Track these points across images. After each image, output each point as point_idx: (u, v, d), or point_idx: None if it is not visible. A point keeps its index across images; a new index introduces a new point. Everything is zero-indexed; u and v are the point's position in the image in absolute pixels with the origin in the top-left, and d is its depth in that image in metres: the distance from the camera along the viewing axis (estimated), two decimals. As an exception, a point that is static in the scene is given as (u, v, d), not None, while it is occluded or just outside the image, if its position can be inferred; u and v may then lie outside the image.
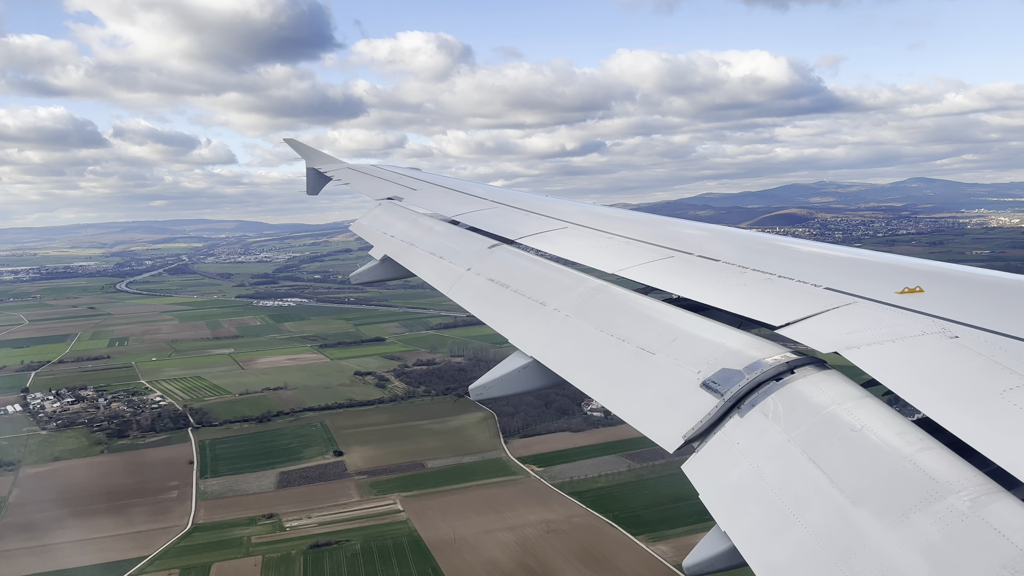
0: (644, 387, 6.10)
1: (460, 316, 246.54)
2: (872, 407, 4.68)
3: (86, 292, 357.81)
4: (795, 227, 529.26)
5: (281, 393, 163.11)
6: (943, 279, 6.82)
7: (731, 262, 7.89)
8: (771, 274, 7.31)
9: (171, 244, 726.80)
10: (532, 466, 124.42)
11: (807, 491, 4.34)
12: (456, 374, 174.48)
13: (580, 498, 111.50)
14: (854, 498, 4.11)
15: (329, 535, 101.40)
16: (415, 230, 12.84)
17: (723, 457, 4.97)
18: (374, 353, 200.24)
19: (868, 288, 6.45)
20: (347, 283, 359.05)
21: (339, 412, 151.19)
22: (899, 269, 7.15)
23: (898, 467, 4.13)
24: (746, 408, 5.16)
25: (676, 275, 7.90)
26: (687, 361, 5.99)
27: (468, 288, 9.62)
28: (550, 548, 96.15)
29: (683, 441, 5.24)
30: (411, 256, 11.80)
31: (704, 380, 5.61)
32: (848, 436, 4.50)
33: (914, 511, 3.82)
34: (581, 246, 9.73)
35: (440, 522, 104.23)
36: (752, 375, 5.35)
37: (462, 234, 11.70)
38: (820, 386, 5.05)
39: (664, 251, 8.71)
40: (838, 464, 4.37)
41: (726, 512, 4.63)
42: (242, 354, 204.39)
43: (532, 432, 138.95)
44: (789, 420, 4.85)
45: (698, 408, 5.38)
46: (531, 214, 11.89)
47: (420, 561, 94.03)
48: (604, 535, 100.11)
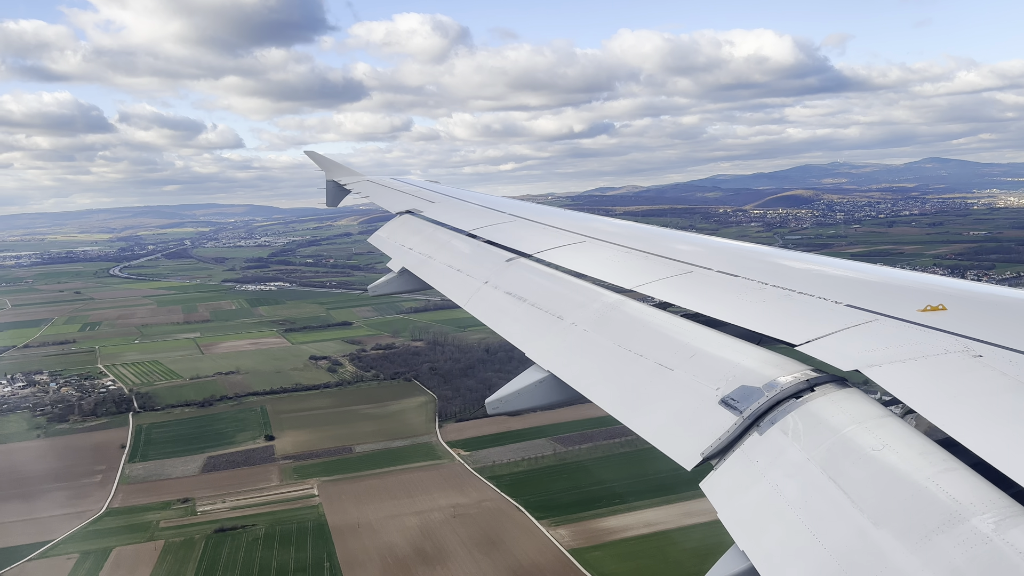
0: (662, 403, 6.10)
1: (433, 300, 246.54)
2: (893, 426, 4.66)
3: (79, 277, 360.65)
4: (800, 208, 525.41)
5: (231, 377, 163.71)
6: (966, 297, 6.80)
7: (751, 278, 7.85)
8: (791, 290, 7.26)
9: (178, 229, 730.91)
10: (459, 450, 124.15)
11: (827, 511, 4.30)
12: (410, 358, 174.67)
13: (497, 482, 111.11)
14: (875, 519, 4.05)
15: (237, 519, 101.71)
16: (433, 243, 13.02)
17: (742, 475, 4.95)
18: (337, 337, 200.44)
19: (889, 306, 6.39)
20: (336, 266, 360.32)
21: (283, 396, 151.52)
22: (921, 287, 7.10)
23: (920, 488, 4.07)
24: (765, 426, 5.15)
25: (695, 291, 7.88)
26: (706, 378, 5.99)
27: (485, 301, 9.71)
28: (450, 533, 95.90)
29: (701, 458, 5.24)
30: (429, 269, 11.97)
31: (723, 397, 5.62)
32: (869, 456, 4.46)
33: (937, 533, 3.76)
34: (599, 261, 9.73)
35: (351, 507, 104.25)
36: (771, 393, 5.33)
37: (480, 247, 11.78)
38: (840, 404, 5.03)
39: (683, 266, 8.69)
40: (859, 484, 4.31)
41: (745, 531, 4.60)
42: (206, 339, 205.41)
43: (469, 416, 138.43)
44: (809, 439, 4.82)
45: (717, 425, 5.37)
46: (549, 228, 12.00)
47: (318, 546, 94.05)
48: (508, 519, 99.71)
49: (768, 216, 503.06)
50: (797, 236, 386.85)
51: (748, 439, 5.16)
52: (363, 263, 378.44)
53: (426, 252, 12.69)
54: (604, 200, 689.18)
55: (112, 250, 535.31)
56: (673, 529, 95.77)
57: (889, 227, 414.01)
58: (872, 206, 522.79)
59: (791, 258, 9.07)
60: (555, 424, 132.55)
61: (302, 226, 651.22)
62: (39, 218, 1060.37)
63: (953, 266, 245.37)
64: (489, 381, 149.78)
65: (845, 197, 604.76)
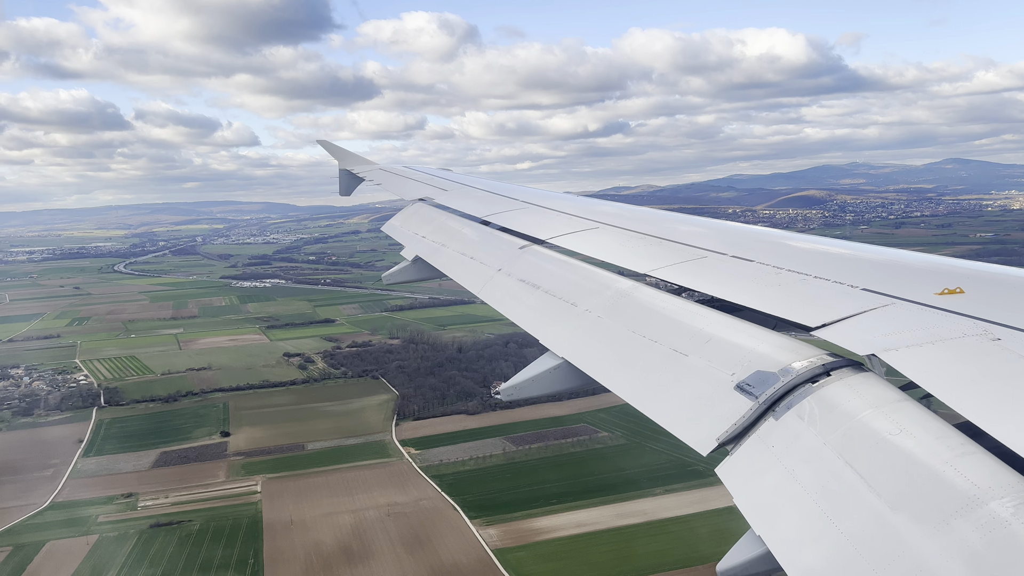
0: (677, 389, 6.10)
1: (419, 299, 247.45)
2: (911, 410, 4.63)
3: (83, 272, 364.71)
4: (811, 209, 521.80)
5: (202, 373, 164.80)
6: (984, 280, 6.73)
7: (766, 263, 7.82)
8: (807, 275, 7.22)
9: (193, 226, 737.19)
10: (410, 449, 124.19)
11: (844, 496, 4.29)
12: (382, 356, 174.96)
13: (439, 481, 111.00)
14: (892, 503, 4.04)
15: (175, 515, 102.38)
16: (446, 231, 13.04)
17: (757, 460, 4.94)
18: (316, 335, 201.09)
19: (906, 289, 6.35)
20: (336, 264, 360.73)
21: (248, 393, 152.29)
22: (939, 269, 7.03)
23: (938, 472, 4.05)
24: (781, 411, 5.14)
25: (709, 275, 7.87)
26: (721, 363, 5.98)
27: (499, 289, 9.72)
28: (381, 531, 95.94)
29: (716, 444, 5.24)
30: (442, 257, 11.95)
31: (738, 382, 5.60)
32: (886, 440, 4.44)
33: (955, 517, 3.74)
34: (612, 246, 9.73)
35: (290, 504, 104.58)
36: (787, 377, 5.32)
37: (493, 235, 11.78)
38: (857, 389, 5.00)
39: (697, 251, 8.67)
40: (876, 468, 4.30)
41: (761, 516, 4.60)
42: (188, 334, 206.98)
43: (427, 415, 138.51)
44: (825, 423, 4.80)
45: (732, 410, 5.37)
46: (562, 214, 11.93)
47: (248, 543, 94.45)
48: (442, 518, 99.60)
49: (777, 216, 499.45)
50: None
51: (764, 424, 5.15)
52: (363, 261, 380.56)
53: (439, 240, 12.72)
54: (618, 199, 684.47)
55: (124, 246, 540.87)
56: (603, 530, 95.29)
57: (897, 228, 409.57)
58: (885, 207, 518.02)
59: (807, 242, 8.98)
60: (511, 423, 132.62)
61: (314, 223, 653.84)
62: (60, 214, 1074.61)
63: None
64: (452, 380, 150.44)
65: (859, 198, 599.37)
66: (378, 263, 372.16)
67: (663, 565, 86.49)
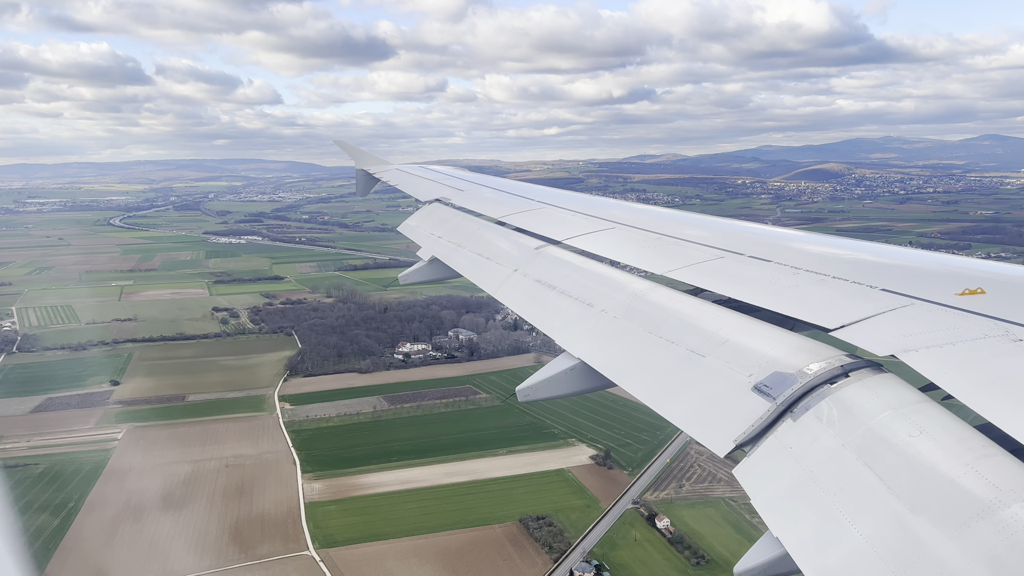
0: (694, 390, 6.07)
1: (379, 259, 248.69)
2: (931, 412, 4.58)
3: (78, 224, 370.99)
4: (825, 183, 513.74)
5: (125, 324, 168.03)
6: (1006, 281, 6.68)
7: (783, 263, 7.85)
8: (825, 275, 7.24)
9: (212, 183, 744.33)
10: (286, 404, 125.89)
11: (863, 498, 4.25)
12: (307, 313, 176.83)
13: (296, 436, 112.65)
14: (912, 506, 3.99)
15: (26, 459, 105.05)
16: (462, 231, 13.13)
17: (775, 462, 4.91)
18: (258, 291, 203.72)
19: (926, 290, 6.33)
20: (326, 224, 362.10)
21: (157, 344, 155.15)
22: (960, 270, 7.05)
23: (959, 474, 4.00)
24: (799, 412, 5.11)
25: (727, 276, 7.87)
26: (738, 364, 5.96)
27: (515, 289, 9.70)
28: (210, 482, 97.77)
29: (734, 445, 5.23)
30: (458, 257, 12.00)
31: (756, 384, 5.58)
32: (906, 442, 4.40)
33: (976, 520, 3.70)
34: (628, 247, 9.75)
35: (142, 453, 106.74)
36: (805, 379, 5.30)
37: (509, 235, 11.83)
38: (876, 390, 4.97)
39: (714, 251, 8.71)
40: (895, 470, 4.25)
41: (779, 518, 4.57)
42: (136, 287, 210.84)
43: (320, 372, 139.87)
44: (844, 425, 4.77)
45: (750, 412, 5.34)
46: (578, 214, 12.04)
47: (79, 488, 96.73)
48: (275, 472, 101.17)
49: (786, 188, 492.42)
50: (797, 210, 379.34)
51: (781, 425, 5.09)
52: (352, 221, 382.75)
53: (455, 240, 12.70)
54: (643, 167, 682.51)
55: (137, 200, 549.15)
56: (423, 488, 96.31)
57: (901, 204, 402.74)
58: (903, 182, 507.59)
59: (826, 243, 9.04)
60: (396, 383, 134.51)
61: (328, 184, 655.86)
62: (88, 168, 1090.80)
63: (929, 244, 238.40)
64: (355, 339, 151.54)
65: (879, 172, 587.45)
66: (366, 224, 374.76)
67: (460, 523, 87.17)
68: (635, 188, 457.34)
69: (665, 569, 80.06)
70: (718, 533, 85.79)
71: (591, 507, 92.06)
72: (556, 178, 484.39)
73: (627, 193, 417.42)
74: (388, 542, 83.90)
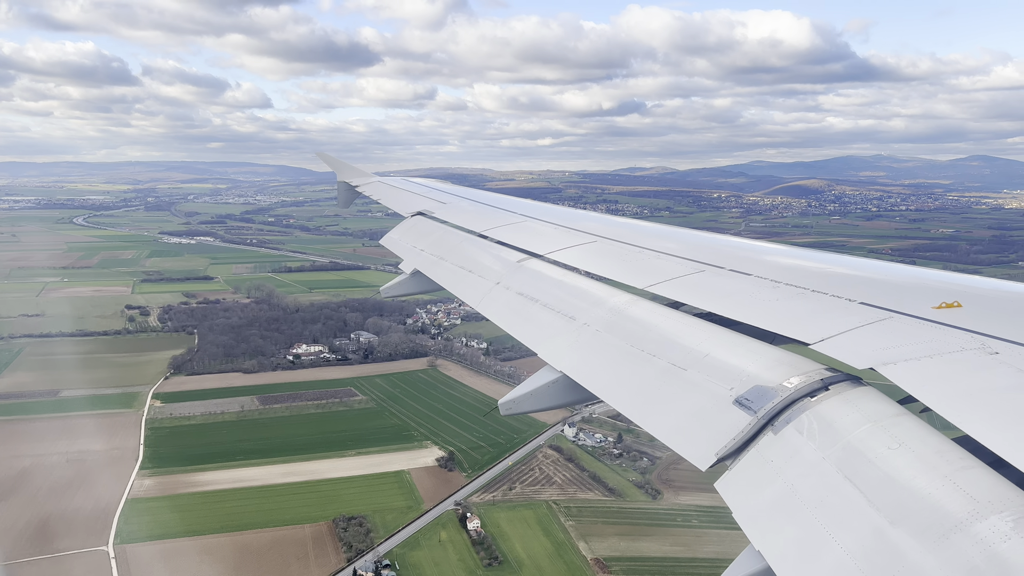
0: (676, 404, 6.08)
1: (318, 261, 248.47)
2: (909, 425, 4.63)
3: (40, 222, 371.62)
4: (801, 199, 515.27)
5: (29, 320, 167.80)
6: (982, 294, 6.83)
7: (763, 276, 7.87)
8: (804, 288, 7.27)
9: (197, 184, 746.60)
10: (157, 402, 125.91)
11: (843, 510, 4.27)
12: (217, 313, 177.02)
13: (151, 433, 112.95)
14: (892, 518, 4.03)
15: None
16: (444, 244, 13.14)
17: (757, 475, 4.93)
18: (181, 290, 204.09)
19: (904, 303, 6.39)
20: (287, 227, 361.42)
21: (54, 340, 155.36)
22: (937, 284, 7.13)
23: (937, 487, 4.04)
24: (780, 425, 5.14)
25: (707, 290, 7.91)
26: (719, 377, 5.99)
27: (497, 302, 9.71)
28: (42, 476, 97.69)
29: (716, 459, 5.23)
30: (440, 270, 12.01)
31: (737, 397, 5.61)
32: (885, 454, 4.44)
33: (954, 532, 3.73)
34: (610, 260, 9.78)
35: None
36: (786, 392, 5.34)
37: (491, 248, 11.87)
38: (856, 403, 5.01)
39: (695, 265, 8.73)
40: (875, 483, 4.29)
41: (760, 531, 4.58)
42: (62, 284, 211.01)
43: (205, 371, 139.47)
44: (824, 438, 4.80)
45: (731, 425, 5.36)
46: (559, 228, 12.11)
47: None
48: (113, 468, 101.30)
49: (761, 203, 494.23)
50: (763, 224, 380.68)
51: (763, 439, 5.10)
52: (316, 225, 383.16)
53: (437, 253, 12.70)
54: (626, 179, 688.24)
55: (114, 200, 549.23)
56: (253, 487, 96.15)
57: (867, 221, 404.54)
58: (881, 200, 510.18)
59: (805, 257, 9.03)
60: (276, 384, 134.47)
61: (312, 188, 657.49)
62: (76, 167, 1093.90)
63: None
64: (248, 339, 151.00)
65: (859, 190, 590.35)
66: (329, 227, 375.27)
67: (272, 522, 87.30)
68: (608, 199, 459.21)
69: (455, 569, 79.67)
70: (524, 535, 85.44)
71: (412, 508, 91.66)
72: (535, 188, 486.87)
73: (599, 204, 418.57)
74: (192, 539, 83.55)
